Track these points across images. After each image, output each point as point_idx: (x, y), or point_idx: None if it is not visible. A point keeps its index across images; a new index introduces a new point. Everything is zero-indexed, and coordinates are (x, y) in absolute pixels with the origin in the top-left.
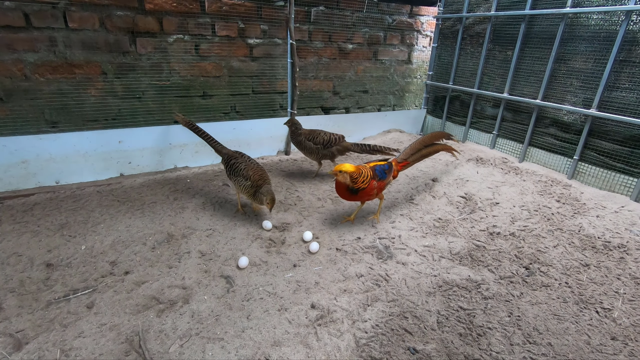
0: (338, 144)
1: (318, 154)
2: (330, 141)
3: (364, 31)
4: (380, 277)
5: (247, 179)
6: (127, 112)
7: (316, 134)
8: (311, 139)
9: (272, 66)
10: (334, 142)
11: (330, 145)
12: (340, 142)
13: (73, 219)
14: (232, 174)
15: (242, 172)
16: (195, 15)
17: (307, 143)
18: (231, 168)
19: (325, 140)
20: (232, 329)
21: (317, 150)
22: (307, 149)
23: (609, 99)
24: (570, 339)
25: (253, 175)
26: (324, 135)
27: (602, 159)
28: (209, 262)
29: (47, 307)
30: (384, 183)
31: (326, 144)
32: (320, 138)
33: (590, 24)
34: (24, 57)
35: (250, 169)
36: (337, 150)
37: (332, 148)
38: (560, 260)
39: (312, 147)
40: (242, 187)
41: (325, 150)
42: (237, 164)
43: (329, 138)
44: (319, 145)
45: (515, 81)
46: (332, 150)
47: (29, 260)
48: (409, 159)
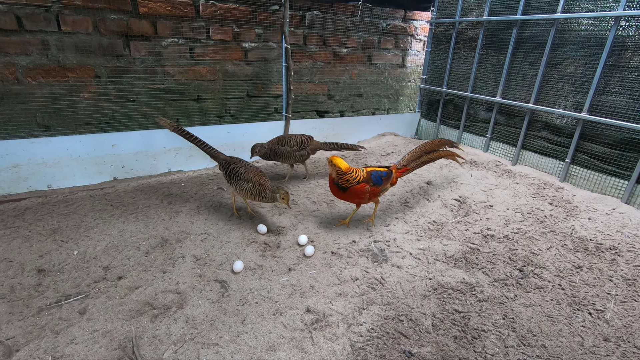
0: (310, 144)
1: (294, 157)
2: (303, 142)
3: (359, 35)
4: (376, 281)
5: (249, 181)
6: (121, 116)
7: (287, 139)
8: (284, 144)
9: (267, 70)
10: (306, 143)
11: (304, 146)
12: (311, 142)
13: (65, 223)
14: (233, 179)
15: (243, 175)
16: (189, 19)
17: (282, 149)
18: (231, 173)
19: (299, 142)
20: (226, 334)
21: (293, 152)
22: (284, 155)
23: (600, 102)
24: (563, 341)
25: (254, 176)
26: (295, 138)
27: (593, 162)
28: (203, 266)
29: (39, 314)
30: (379, 189)
31: (300, 145)
32: (293, 141)
33: (580, 29)
34: (16, 60)
35: (250, 171)
36: (310, 150)
37: (306, 148)
38: (553, 263)
39: (288, 150)
40: (244, 190)
41: (301, 151)
42: (237, 168)
43: (300, 139)
44: (294, 147)
45: (508, 85)
46: (307, 150)
47: (20, 265)
48: (409, 165)
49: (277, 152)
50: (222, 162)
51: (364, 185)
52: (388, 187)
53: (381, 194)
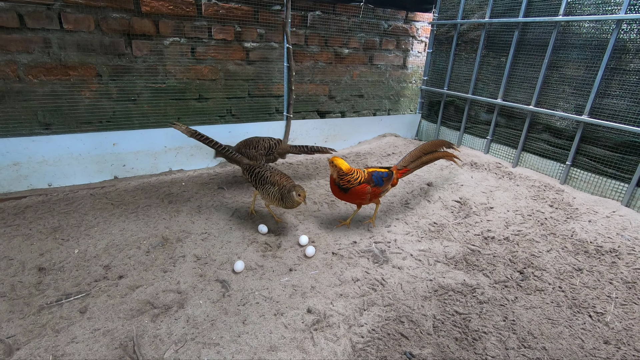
0: (279, 148)
1: (262, 160)
2: (271, 147)
3: (360, 36)
4: (377, 282)
5: (274, 185)
6: (122, 115)
7: (255, 142)
8: (252, 147)
9: (269, 70)
10: (274, 147)
11: (272, 150)
12: (280, 146)
13: (66, 222)
14: (259, 183)
15: (269, 179)
16: (191, 18)
17: (249, 152)
18: (257, 177)
19: (267, 147)
20: (227, 333)
21: (260, 157)
22: (251, 158)
23: (601, 105)
24: (564, 343)
25: (279, 180)
26: (264, 142)
27: (593, 164)
28: (204, 266)
29: (39, 312)
30: (380, 190)
31: (268, 150)
32: (261, 145)
33: (582, 32)
34: (18, 58)
35: (274, 174)
36: (278, 153)
37: (274, 153)
38: (553, 265)
39: (254, 155)
40: (270, 194)
41: (270, 155)
42: (262, 172)
43: (269, 144)
44: (261, 151)
45: (509, 87)
46: (274, 155)
47: (21, 264)
48: (409, 166)
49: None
50: (246, 167)
51: (365, 186)
52: (389, 188)
53: (382, 195)
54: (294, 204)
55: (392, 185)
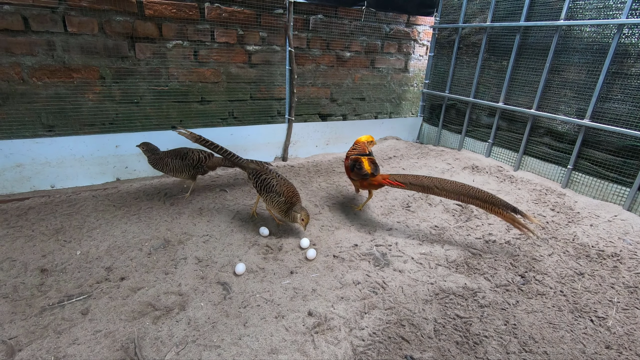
0: (209, 161)
1: (185, 173)
2: (200, 159)
3: (362, 39)
4: (377, 285)
5: (281, 195)
6: (125, 117)
7: (184, 153)
8: (180, 158)
9: (271, 73)
10: (204, 160)
11: (202, 163)
12: (210, 160)
13: (68, 223)
14: (264, 190)
15: (275, 188)
16: (194, 21)
17: (176, 162)
18: (262, 184)
19: (196, 159)
20: (228, 336)
21: (186, 168)
22: (176, 169)
23: (602, 109)
24: (565, 348)
25: (286, 191)
26: (193, 154)
27: (595, 168)
28: (205, 268)
29: (41, 314)
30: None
31: (197, 163)
32: (190, 156)
33: (583, 36)
34: (22, 60)
35: (282, 185)
36: (208, 167)
37: (203, 166)
38: (555, 269)
39: (180, 165)
40: (274, 202)
41: (198, 168)
42: (268, 180)
43: (198, 157)
44: (188, 162)
45: (510, 91)
46: (204, 168)
47: (23, 265)
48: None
49: (168, 165)
50: (252, 172)
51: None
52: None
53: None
54: (294, 222)
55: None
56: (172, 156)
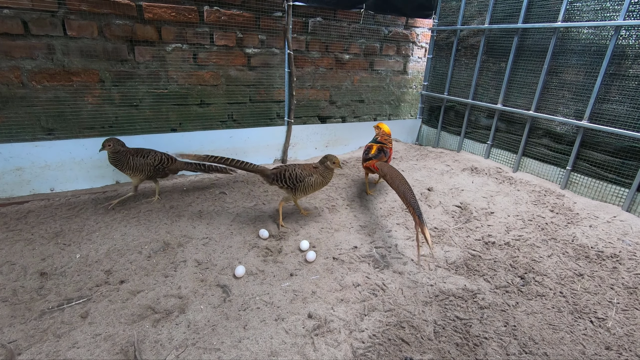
0: (171, 164)
1: (145, 173)
2: (162, 161)
3: (361, 42)
4: (377, 287)
5: (312, 175)
6: (124, 120)
7: (147, 152)
8: (142, 156)
9: (270, 75)
10: (166, 163)
11: (164, 165)
12: (174, 163)
13: (68, 227)
14: (297, 181)
15: (305, 173)
16: (193, 24)
17: (138, 160)
18: (291, 178)
19: (158, 160)
20: (228, 339)
21: (147, 167)
22: (136, 168)
23: (600, 111)
24: (565, 349)
25: (310, 167)
26: (155, 154)
27: (594, 169)
28: (205, 271)
29: (41, 317)
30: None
31: (159, 163)
32: (152, 156)
33: (581, 38)
34: (22, 64)
35: (304, 168)
36: (169, 170)
37: (165, 169)
38: (554, 270)
39: (141, 163)
40: (312, 184)
41: (159, 170)
42: (294, 171)
43: (161, 158)
44: (149, 161)
45: (509, 92)
46: (165, 171)
47: (23, 269)
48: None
49: (128, 163)
50: (273, 175)
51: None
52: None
53: None
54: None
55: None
56: (133, 154)
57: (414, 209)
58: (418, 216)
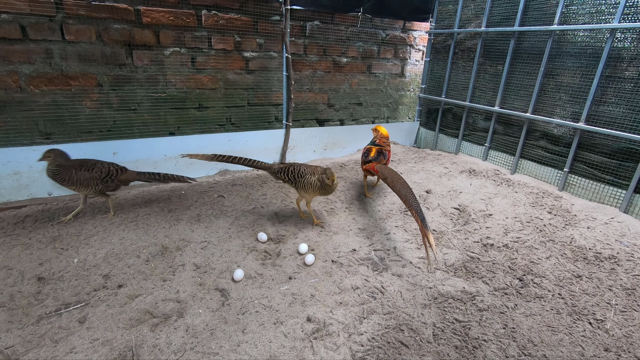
0: (121, 175)
1: (95, 187)
2: (111, 172)
3: (358, 45)
4: (376, 290)
5: (313, 174)
6: (122, 124)
7: (92, 164)
8: (86, 169)
9: (268, 79)
10: (114, 174)
11: (112, 177)
12: (124, 173)
13: (65, 231)
14: (299, 177)
15: (307, 171)
16: (192, 28)
17: (81, 174)
18: (294, 173)
19: (105, 172)
20: (227, 343)
21: (94, 182)
22: (80, 183)
23: (597, 113)
24: (564, 351)
25: (314, 170)
26: (102, 166)
27: (591, 171)
28: (203, 274)
29: (38, 322)
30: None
31: (107, 175)
32: (98, 168)
33: (577, 40)
34: (20, 68)
35: (308, 167)
36: (119, 181)
37: (115, 180)
38: (553, 272)
39: (86, 178)
40: (311, 185)
41: (108, 182)
42: (298, 167)
43: (108, 169)
44: (96, 175)
45: (506, 95)
46: (115, 182)
47: (20, 273)
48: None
49: (71, 178)
50: (278, 170)
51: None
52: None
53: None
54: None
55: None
56: (76, 167)
57: (417, 213)
58: (421, 220)
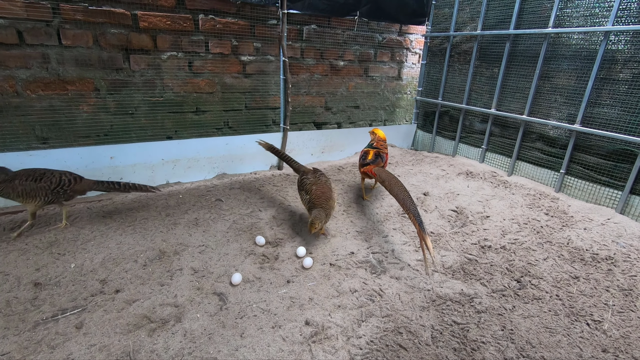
0: (76, 185)
1: (44, 198)
2: (63, 182)
3: (355, 48)
4: (374, 292)
5: (308, 194)
6: (120, 128)
7: (40, 174)
8: (33, 179)
9: (265, 82)
10: (67, 185)
11: (64, 187)
12: (79, 183)
13: (62, 236)
14: (299, 188)
15: (306, 186)
16: (189, 33)
17: (27, 184)
18: (300, 183)
19: (56, 182)
20: (225, 347)
21: (43, 192)
22: (27, 194)
23: (592, 114)
24: (562, 352)
25: (315, 191)
26: (52, 176)
27: (587, 172)
28: (201, 279)
29: (35, 328)
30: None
31: (58, 186)
32: (48, 178)
33: (571, 43)
34: (16, 73)
35: (314, 184)
36: (74, 191)
37: (68, 191)
38: (550, 273)
39: (33, 188)
40: (303, 199)
41: (61, 193)
42: (306, 179)
43: (59, 179)
44: (44, 185)
45: (502, 97)
46: (68, 193)
47: (16, 279)
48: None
49: (15, 190)
50: (300, 174)
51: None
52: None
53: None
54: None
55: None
56: (21, 178)
57: (415, 216)
58: (419, 223)
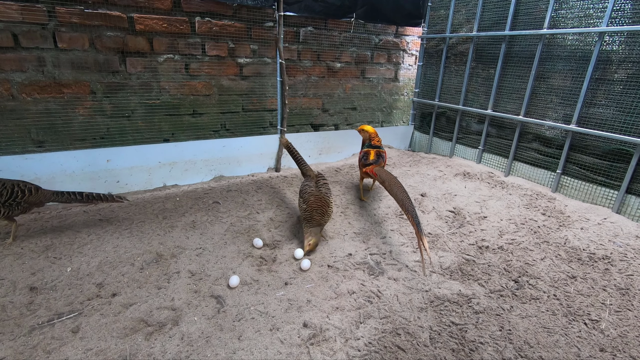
0: (32, 196)
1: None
2: (15, 194)
3: (352, 50)
4: (372, 294)
5: (305, 203)
6: (116, 131)
7: None
8: None
9: (262, 84)
10: (21, 196)
11: (18, 198)
12: (35, 194)
13: (58, 240)
14: (300, 193)
15: (305, 195)
16: (185, 35)
17: None
18: (301, 189)
19: (7, 195)
20: (223, 350)
21: None
22: None
23: (588, 115)
24: (560, 352)
25: (312, 202)
26: (1, 187)
27: (584, 172)
28: (199, 282)
29: (30, 333)
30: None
31: (9, 198)
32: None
33: (566, 44)
34: (11, 76)
35: (313, 195)
36: (29, 203)
37: (21, 203)
38: (547, 273)
39: None
40: (300, 207)
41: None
42: (308, 187)
43: (11, 190)
44: None
45: (499, 98)
46: (22, 205)
47: (12, 283)
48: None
49: None
50: (304, 179)
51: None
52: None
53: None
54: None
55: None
56: None
57: (413, 217)
58: (417, 224)
